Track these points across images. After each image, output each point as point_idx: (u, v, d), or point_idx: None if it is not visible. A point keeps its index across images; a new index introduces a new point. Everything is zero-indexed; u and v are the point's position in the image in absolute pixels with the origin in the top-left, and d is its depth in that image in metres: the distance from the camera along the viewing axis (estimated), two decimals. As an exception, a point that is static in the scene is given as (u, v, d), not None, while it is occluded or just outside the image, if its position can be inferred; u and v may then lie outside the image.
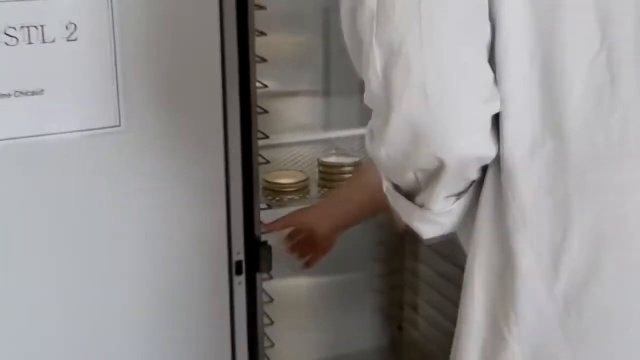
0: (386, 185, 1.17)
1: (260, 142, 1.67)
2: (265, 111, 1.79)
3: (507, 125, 1.04)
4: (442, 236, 1.16)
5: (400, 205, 1.15)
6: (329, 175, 2.02)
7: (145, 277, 1.65)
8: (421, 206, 1.11)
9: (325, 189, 2.00)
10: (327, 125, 2.29)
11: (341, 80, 2.25)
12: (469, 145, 1.04)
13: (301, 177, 2.02)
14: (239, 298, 1.71)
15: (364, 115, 2.31)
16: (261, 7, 1.66)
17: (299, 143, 2.22)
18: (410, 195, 1.13)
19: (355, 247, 2.39)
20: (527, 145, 1.05)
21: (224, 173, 1.65)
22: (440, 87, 1.00)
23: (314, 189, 2.02)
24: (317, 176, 2.06)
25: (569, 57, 1.03)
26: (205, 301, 1.71)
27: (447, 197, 1.10)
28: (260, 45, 1.64)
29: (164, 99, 1.58)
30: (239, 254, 1.68)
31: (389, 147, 1.06)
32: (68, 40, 1.48)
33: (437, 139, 1.02)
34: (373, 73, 1.02)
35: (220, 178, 1.65)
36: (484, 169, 1.10)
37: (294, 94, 2.24)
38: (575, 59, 1.03)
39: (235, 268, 1.69)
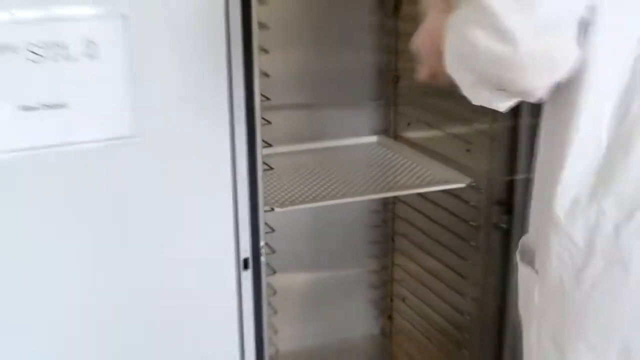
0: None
1: (265, 151, 1.62)
2: (269, 122, 1.70)
3: None
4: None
5: None
6: None
7: (164, 274, 1.59)
8: None
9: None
10: (324, 135, 2.20)
11: (335, 94, 2.19)
12: None
13: None
14: (246, 291, 1.65)
15: (356, 126, 2.24)
16: (264, 26, 1.56)
17: (301, 152, 2.14)
18: None
19: (350, 246, 2.36)
20: None
21: (232, 179, 1.57)
22: None
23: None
24: (317, 182, 1.94)
25: None
26: (216, 294, 1.64)
27: None
28: (263, 62, 1.57)
29: (175, 112, 1.50)
30: (246, 252, 1.62)
31: None
32: (89, 57, 1.40)
33: None
34: None
35: (228, 183, 1.57)
36: None
37: (294, 106, 2.15)
38: None
39: (242, 264, 1.64)
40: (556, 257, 1.10)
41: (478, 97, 1.09)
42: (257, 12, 1.51)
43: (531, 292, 1.17)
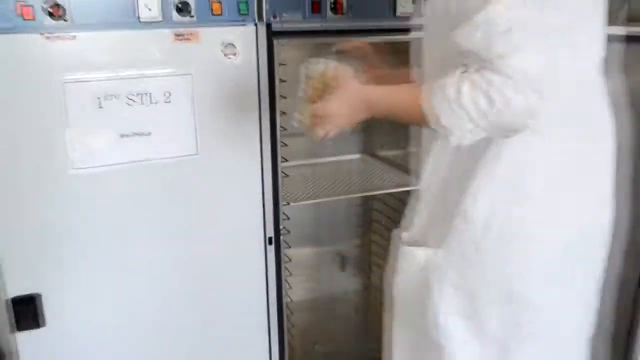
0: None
1: (283, 164, 1.64)
2: (285, 145, 1.73)
3: None
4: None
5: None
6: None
7: (214, 248, 1.61)
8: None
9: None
10: (323, 153, 2.17)
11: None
12: None
13: None
14: (270, 259, 1.68)
15: (346, 147, 2.21)
16: (283, 81, 1.58)
17: (307, 165, 2.13)
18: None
19: (341, 229, 2.36)
20: None
21: (261, 183, 1.61)
22: None
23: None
24: (319, 185, 1.92)
25: None
26: (250, 261, 1.67)
27: None
28: (282, 104, 1.57)
29: (223, 138, 1.53)
30: (270, 233, 1.65)
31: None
32: (165, 102, 1.46)
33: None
34: None
35: (258, 186, 1.61)
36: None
37: (303, 134, 2.12)
38: None
39: (268, 241, 1.65)
40: (459, 235, 1.11)
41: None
42: (278, 71, 1.57)
43: (433, 263, 1.16)
